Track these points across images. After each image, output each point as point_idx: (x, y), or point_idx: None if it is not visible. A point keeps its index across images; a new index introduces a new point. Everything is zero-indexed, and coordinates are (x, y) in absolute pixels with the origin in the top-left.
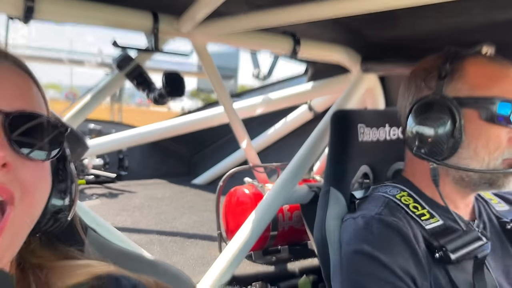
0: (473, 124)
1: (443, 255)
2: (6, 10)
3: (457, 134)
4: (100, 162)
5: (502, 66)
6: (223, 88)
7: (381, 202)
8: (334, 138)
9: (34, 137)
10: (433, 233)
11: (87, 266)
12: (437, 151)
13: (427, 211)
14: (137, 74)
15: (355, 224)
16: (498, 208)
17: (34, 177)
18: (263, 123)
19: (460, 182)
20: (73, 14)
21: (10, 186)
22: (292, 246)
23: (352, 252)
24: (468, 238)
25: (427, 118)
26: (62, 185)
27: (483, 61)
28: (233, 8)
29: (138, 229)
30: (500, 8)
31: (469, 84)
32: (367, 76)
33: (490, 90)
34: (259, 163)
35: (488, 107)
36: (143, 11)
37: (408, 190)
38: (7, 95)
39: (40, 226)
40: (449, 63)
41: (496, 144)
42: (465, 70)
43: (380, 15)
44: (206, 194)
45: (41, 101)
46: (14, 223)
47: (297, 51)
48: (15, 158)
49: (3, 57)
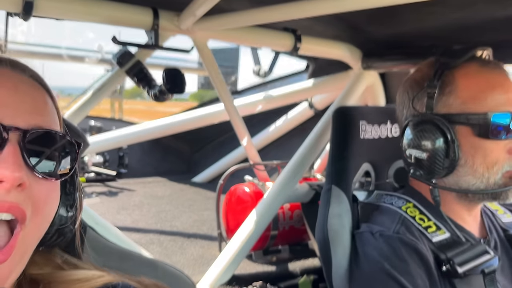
0: (468, 141)
1: (450, 268)
2: (5, 6)
3: (452, 154)
4: (100, 159)
5: (495, 73)
6: (223, 85)
7: (397, 218)
8: (336, 136)
9: (50, 157)
10: (440, 246)
11: (84, 281)
12: (434, 172)
13: (433, 223)
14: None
15: (375, 241)
16: (504, 219)
17: (46, 195)
18: (263, 121)
19: (464, 197)
20: (72, 11)
21: (23, 205)
22: (293, 246)
23: (373, 270)
24: (476, 251)
25: (420, 138)
26: (70, 198)
27: (475, 70)
28: (233, 4)
29: (137, 228)
30: (503, 5)
31: (460, 98)
32: (368, 73)
33: (482, 104)
34: (260, 161)
35: (481, 124)
36: (143, 7)
37: (414, 201)
38: (24, 110)
39: (45, 240)
40: (438, 78)
41: (493, 159)
42: (456, 83)
43: (381, 11)
44: (206, 192)
45: (55, 115)
46: (24, 242)
47: (298, 47)
48: (30, 177)
49: (21, 70)
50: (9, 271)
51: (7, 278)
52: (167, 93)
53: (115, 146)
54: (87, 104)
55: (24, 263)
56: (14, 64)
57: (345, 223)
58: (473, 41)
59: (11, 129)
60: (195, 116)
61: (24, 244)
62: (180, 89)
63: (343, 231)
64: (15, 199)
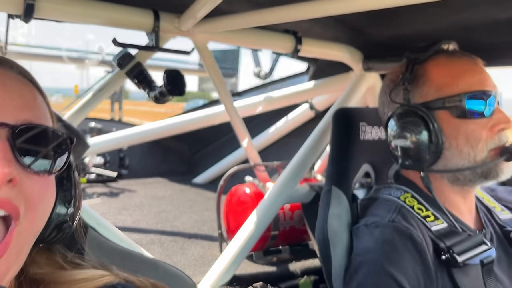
0: (449, 124)
1: (449, 257)
2: (6, 8)
3: (435, 138)
4: (101, 160)
5: (463, 61)
6: (224, 87)
7: (393, 207)
8: (336, 137)
9: (41, 151)
10: (439, 235)
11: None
12: (421, 159)
13: (431, 213)
14: (137, 72)
15: (369, 233)
16: (502, 216)
17: (40, 191)
18: (264, 122)
19: (457, 182)
20: (73, 13)
21: (16, 201)
22: (293, 246)
23: (365, 263)
24: (474, 241)
25: (402, 129)
26: (67, 195)
27: (444, 60)
28: (234, 6)
29: (138, 229)
30: (504, 7)
31: (434, 86)
32: (369, 74)
33: (455, 87)
34: (260, 162)
35: (457, 105)
36: (144, 9)
37: (411, 191)
38: (13, 106)
39: (44, 237)
40: (410, 71)
41: (476, 138)
42: (428, 74)
43: (382, 13)
44: (207, 193)
45: (46, 111)
46: (19, 238)
47: (299, 49)
48: (20, 172)
49: (8, 66)
50: (6, 268)
51: (4, 275)
52: (167, 94)
53: (116, 147)
54: (87, 106)
55: (21, 260)
56: (1, 61)
57: (345, 223)
58: (474, 43)
59: (0, 125)
60: (195, 117)
61: (19, 241)
62: (181, 91)
63: (342, 232)
64: (6, 195)
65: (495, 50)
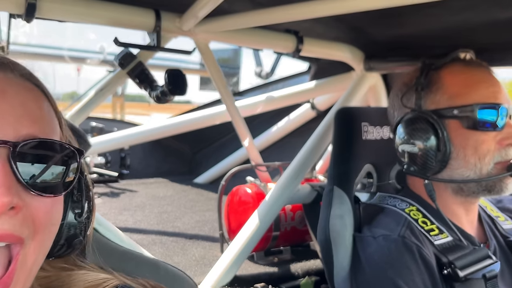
0: (458, 134)
1: (451, 272)
2: (8, 8)
3: (443, 147)
4: (102, 160)
5: (479, 71)
6: (225, 86)
7: (402, 220)
8: (338, 137)
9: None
10: (442, 249)
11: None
12: (427, 167)
13: (436, 227)
14: (139, 72)
15: (377, 245)
16: (505, 226)
17: (46, 212)
18: (265, 122)
19: (460, 193)
20: (75, 12)
21: (18, 231)
22: (294, 247)
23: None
24: (478, 256)
25: (411, 135)
26: (77, 206)
27: (459, 69)
28: (235, 6)
29: (139, 229)
30: (505, 6)
31: (447, 94)
32: (370, 74)
33: (468, 98)
34: (261, 162)
35: (469, 115)
36: (145, 9)
37: (416, 204)
38: (14, 118)
39: (53, 252)
40: (425, 76)
41: (484, 150)
42: (442, 81)
43: (384, 12)
44: (208, 193)
45: (53, 120)
46: (25, 262)
47: (300, 49)
48: (24, 195)
49: (9, 69)
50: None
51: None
52: (169, 94)
53: (117, 147)
54: (88, 105)
55: (30, 281)
56: (1, 64)
57: (347, 224)
58: (475, 43)
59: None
60: (196, 117)
61: (26, 265)
62: (182, 91)
63: (345, 232)
64: (7, 226)
65: (495, 50)
